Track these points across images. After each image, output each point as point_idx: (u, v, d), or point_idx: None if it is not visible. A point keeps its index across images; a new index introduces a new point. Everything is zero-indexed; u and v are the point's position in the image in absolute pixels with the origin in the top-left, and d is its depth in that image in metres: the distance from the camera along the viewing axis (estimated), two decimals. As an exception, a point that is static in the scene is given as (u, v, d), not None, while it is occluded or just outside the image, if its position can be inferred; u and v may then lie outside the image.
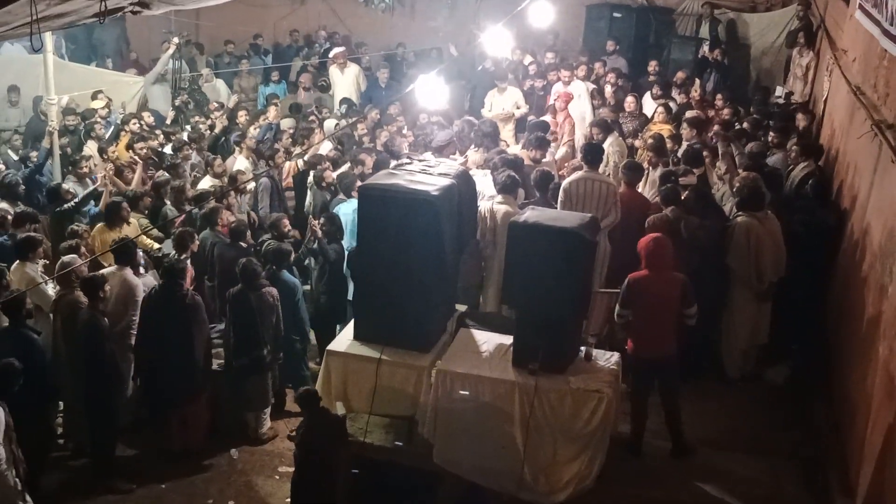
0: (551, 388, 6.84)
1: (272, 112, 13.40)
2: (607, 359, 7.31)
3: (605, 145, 10.66)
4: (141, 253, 8.72)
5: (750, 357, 9.15)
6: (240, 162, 11.49)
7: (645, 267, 7.64)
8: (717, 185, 10.17)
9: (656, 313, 7.60)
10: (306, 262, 9.13)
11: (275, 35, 18.49)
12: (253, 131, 12.67)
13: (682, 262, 7.91)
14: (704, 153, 10.49)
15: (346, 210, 9.52)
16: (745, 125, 11.77)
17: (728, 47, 15.42)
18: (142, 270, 8.53)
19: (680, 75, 14.21)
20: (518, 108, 13.54)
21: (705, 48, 15.28)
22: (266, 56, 17.52)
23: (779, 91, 14.26)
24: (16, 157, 12.06)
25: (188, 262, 8.51)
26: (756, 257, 8.74)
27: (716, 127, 11.55)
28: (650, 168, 10.33)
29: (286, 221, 9.30)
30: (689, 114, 12.25)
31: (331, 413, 7.03)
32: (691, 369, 8.53)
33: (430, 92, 9.90)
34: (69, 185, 10.34)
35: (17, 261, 8.21)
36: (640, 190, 9.90)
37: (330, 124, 13.09)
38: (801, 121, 11.92)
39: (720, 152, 10.47)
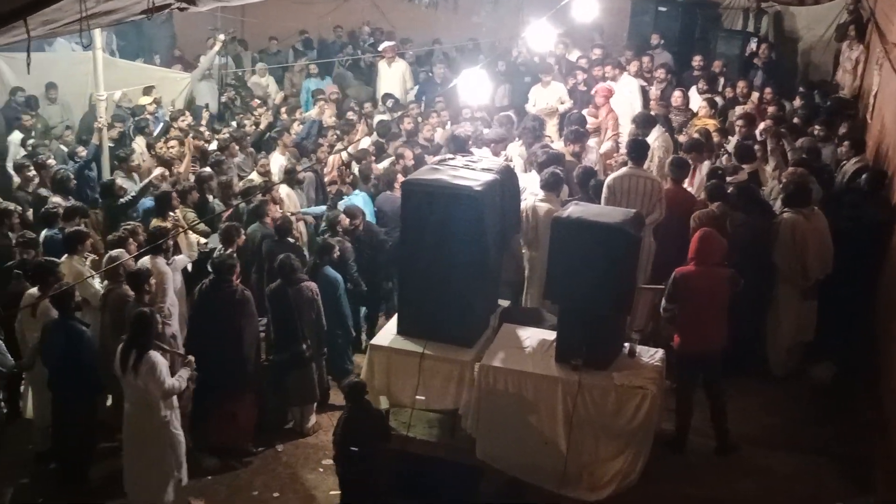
0: (595, 384, 6.82)
1: (315, 109, 13.48)
2: (651, 355, 7.26)
3: (650, 140, 10.57)
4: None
5: (795, 354, 9.04)
6: (277, 159, 11.58)
7: (693, 261, 7.58)
8: (769, 182, 10.04)
9: (703, 308, 7.55)
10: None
11: (319, 31, 18.57)
12: (297, 127, 12.75)
13: (727, 259, 7.84)
14: (756, 148, 10.37)
15: (357, 203, 9.71)
16: (794, 120, 11.62)
17: (775, 41, 15.21)
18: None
19: (717, 64, 14.06)
20: (562, 102, 13.48)
21: (752, 45, 15.10)
22: (311, 51, 17.62)
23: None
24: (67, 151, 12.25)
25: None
26: (801, 254, 8.64)
27: (764, 123, 11.41)
28: (698, 165, 10.21)
29: (344, 217, 9.38)
30: (739, 109, 12.12)
31: (373, 407, 7.06)
32: (736, 366, 8.44)
33: (475, 87, 9.88)
34: (119, 180, 10.49)
35: (66, 254, 8.34)
36: (687, 186, 9.83)
37: (377, 119, 13.16)
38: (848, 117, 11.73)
39: (769, 148, 10.34)
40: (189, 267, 9.08)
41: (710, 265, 7.55)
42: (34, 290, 7.88)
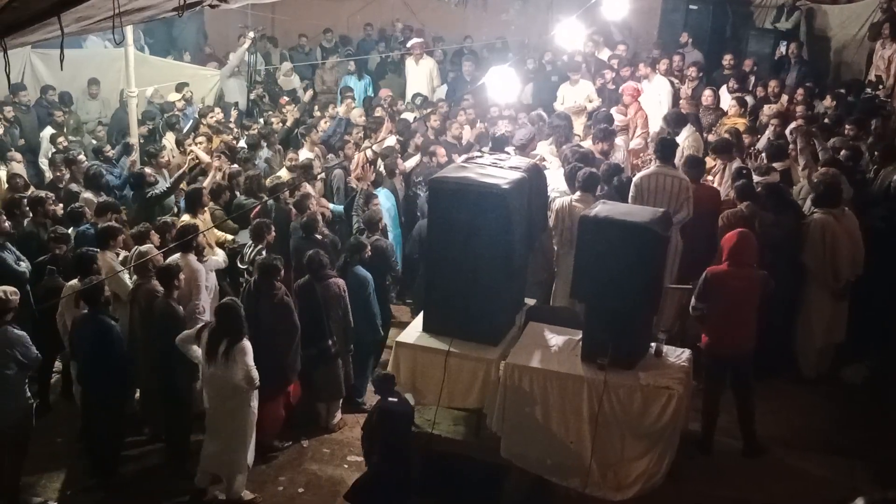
0: (621, 383, 6.79)
1: (343, 107, 13.53)
2: (678, 355, 7.22)
3: (681, 139, 10.49)
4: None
5: (826, 356, 8.95)
6: (304, 155, 11.62)
7: (726, 261, 7.52)
8: (799, 181, 9.95)
9: (735, 309, 7.48)
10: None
11: (348, 28, 18.62)
12: (324, 125, 12.80)
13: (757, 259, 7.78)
14: (790, 148, 10.28)
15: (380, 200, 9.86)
16: (825, 120, 11.50)
17: (808, 40, 15.07)
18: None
19: (747, 63, 13.94)
20: (590, 101, 13.44)
21: (782, 48, 14.97)
22: (344, 48, 17.66)
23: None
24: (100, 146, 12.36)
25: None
26: (832, 255, 8.55)
27: (795, 122, 11.30)
28: (727, 164, 10.12)
29: (382, 221, 9.43)
30: (769, 108, 12.01)
31: (404, 399, 7.07)
32: (766, 368, 8.37)
33: (502, 85, 9.87)
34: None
35: (98, 249, 8.42)
36: (717, 185, 9.76)
37: (408, 116, 13.20)
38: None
39: (799, 147, 10.23)
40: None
41: (743, 265, 7.48)
42: (76, 282, 7.96)
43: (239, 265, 9.01)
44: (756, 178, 9.45)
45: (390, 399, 6.92)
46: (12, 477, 7.37)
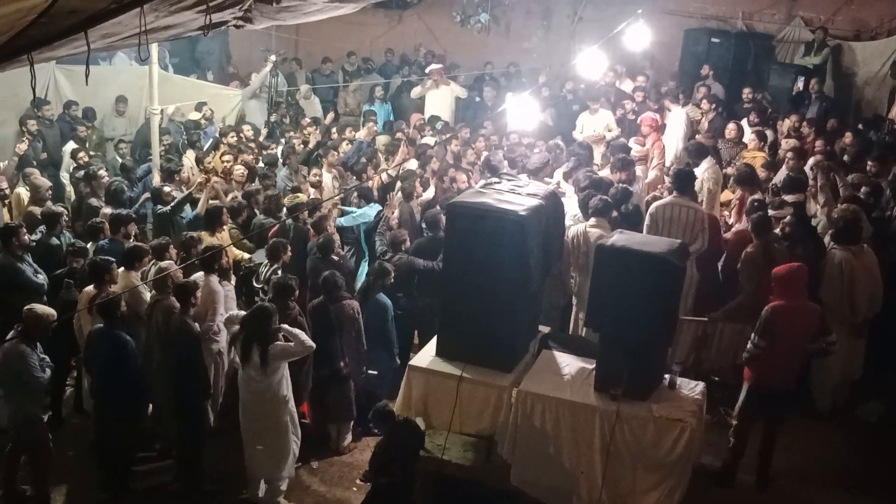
0: (633, 414, 6.74)
1: (364, 130, 13.60)
2: (692, 388, 7.16)
3: (700, 171, 10.47)
4: None
5: (842, 392, 8.89)
6: (323, 176, 11.69)
7: (780, 296, 7.46)
8: (816, 215, 9.90)
9: (792, 344, 7.44)
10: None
11: (371, 52, 18.75)
12: (345, 147, 12.87)
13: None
14: (810, 185, 10.25)
15: (370, 214, 10.06)
16: (844, 157, 11.47)
17: (833, 76, 15.06)
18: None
19: (767, 97, 13.96)
20: (609, 130, 13.46)
21: (799, 84, 14.98)
22: (370, 73, 17.79)
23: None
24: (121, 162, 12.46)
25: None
26: (850, 292, 8.51)
27: (814, 157, 11.27)
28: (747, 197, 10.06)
29: (406, 241, 9.46)
30: (789, 142, 12.00)
31: (409, 427, 7.05)
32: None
33: (522, 112, 9.91)
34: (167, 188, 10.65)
35: (123, 268, 8.41)
36: (735, 221, 9.74)
37: (424, 141, 13.25)
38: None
39: (819, 184, 10.18)
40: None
41: (798, 299, 7.44)
42: (90, 289, 8.05)
43: (255, 284, 9.03)
44: (770, 212, 9.39)
45: (390, 432, 6.94)
46: (37, 486, 7.51)
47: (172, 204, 10.25)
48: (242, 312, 7.67)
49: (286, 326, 7.49)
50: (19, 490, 7.61)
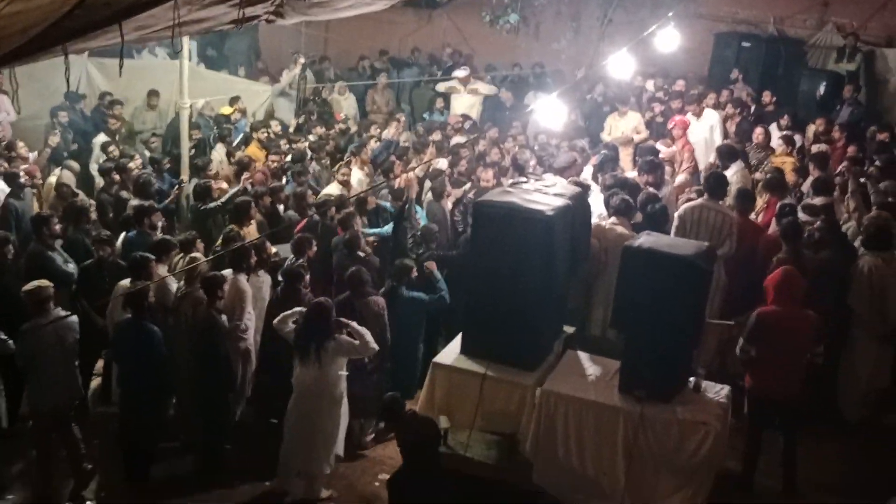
0: (657, 416, 6.72)
1: (392, 129, 13.61)
2: (717, 391, 7.13)
3: (729, 174, 10.39)
4: None
5: (869, 401, 8.78)
6: (354, 174, 11.71)
7: (774, 302, 7.41)
8: (845, 221, 9.80)
9: (784, 351, 7.35)
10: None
11: (400, 51, 18.76)
12: (373, 145, 12.89)
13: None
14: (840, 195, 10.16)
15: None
16: (876, 163, 11.36)
17: (866, 82, 14.92)
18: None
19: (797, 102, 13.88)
20: (637, 132, 13.41)
21: (821, 89, 14.86)
22: (402, 71, 17.80)
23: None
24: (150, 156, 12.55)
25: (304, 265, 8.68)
26: (880, 299, 8.41)
27: (846, 162, 11.16)
28: (776, 201, 9.99)
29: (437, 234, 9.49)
30: (815, 148, 11.90)
31: (422, 422, 6.99)
32: (808, 411, 8.22)
33: (550, 113, 9.87)
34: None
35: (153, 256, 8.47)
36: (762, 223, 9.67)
37: (453, 140, 13.25)
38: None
39: (850, 189, 10.09)
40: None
41: (793, 306, 7.36)
42: (126, 282, 8.09)
43: (280, 279, 9.05)
44: (802, 217, 9.32)
45: (400, 424, 6.86)
46: (73, 462, 7.66)
47: (222, 200, 10.32)
48: (299, 309, 7.67)
49: (354, 324, 7.48)
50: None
